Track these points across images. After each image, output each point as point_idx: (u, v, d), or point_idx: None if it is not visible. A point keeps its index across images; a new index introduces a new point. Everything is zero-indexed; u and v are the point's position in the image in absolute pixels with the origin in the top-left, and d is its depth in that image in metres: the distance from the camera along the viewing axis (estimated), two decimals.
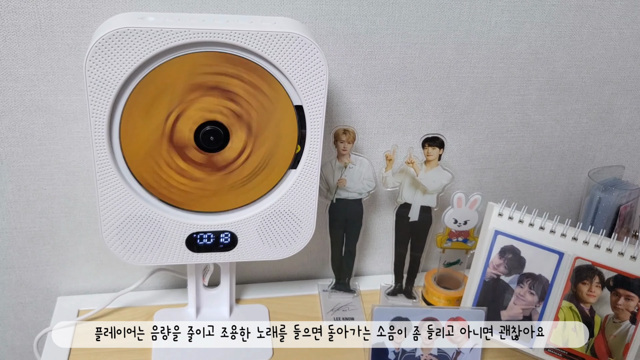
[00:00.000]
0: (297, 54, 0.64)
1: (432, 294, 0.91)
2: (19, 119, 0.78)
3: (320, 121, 0.69)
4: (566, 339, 0.80)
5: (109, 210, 0.69)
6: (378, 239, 0.98)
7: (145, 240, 0.72)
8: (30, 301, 0.91)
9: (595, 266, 0.78)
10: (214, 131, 0.67)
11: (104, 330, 0.83)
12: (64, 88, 0.77)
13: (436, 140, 0.82)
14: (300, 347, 0.83)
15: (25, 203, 0.83)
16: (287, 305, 0.91)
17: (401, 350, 0.79)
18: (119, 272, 0.91)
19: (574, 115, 0.94)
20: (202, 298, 0.86)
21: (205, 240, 0.74)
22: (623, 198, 0.92)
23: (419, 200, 0.85)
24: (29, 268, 0.88)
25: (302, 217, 0.75)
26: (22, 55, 0.74)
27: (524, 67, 0.88)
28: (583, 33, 0.87)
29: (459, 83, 0.87)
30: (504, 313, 0.84)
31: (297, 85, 0.66)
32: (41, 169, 0.81)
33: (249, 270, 0.96)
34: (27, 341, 0.94)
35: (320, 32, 0.80)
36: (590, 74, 0.91)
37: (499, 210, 0.82)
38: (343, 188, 0.85)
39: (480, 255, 0.84)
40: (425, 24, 0.82)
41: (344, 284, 0.93)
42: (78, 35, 0.74)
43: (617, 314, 0.77)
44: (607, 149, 0.98)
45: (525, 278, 0.82)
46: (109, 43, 0.60)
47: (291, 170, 0.72)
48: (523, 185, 0.99)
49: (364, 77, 0.84)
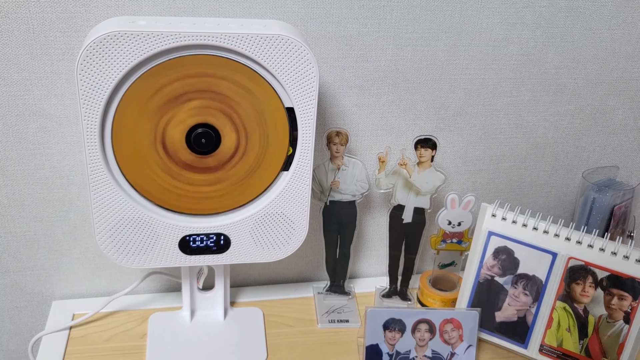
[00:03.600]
0: (287, 56, 0.65)
1: (427, 296, 0.91)
2: (13, 123, 0.78)
3: (312, 123, 0.69)
4: (560, 339, 0.80)
5: (102, 213, 0.69)
6: (373, 241, 0.98)
7: (138, 243, 0.72)
8: (25, 305, 0.91)
9: (589, 266, 0.78)
10: (206, 133, 0.68)
11: (99, 334, 0.83)
12: (58, 92, 0.77)
13: (428, 142, 0.82)
14: (294, 349, 0.83)
15: (20, 207, 0.84)
16: (282, 307, 0.91)
17: (395, 352, 0.79)
18: (114, 276, 0.92)
19: (567, 116, 0.94)
20: (197, 301, 0.86)
21: (198, 243, 0.74)
22: (617, 198, 0.92)
23: (412, 202, 0.85)
24: (24, 272, 0.88)
25: (294, 219, 0.75)
26: (15, 60, 0.74)
27: (516, 69, 0.88)
28: (574, 34, 0.87)
29: (452, 85, 0.88)
30: (499, 314, 0.84)
31: (287, 87, 0.67)
32: (35, 173, 0.82)
33: (244, 273, 0.96)
34: (23, 345, 0.94)
35: (312, 34, 0.80)
36: (583, 75, 0.91)
37: (492, 211, 0.82)
38: (336, 190, 0.85)
39: (474, 257, 0.84)
40: (416, 26, 0.82)
41: (339, 286, 0.93)
42: (71, 39, 0.75)
43: (610, 314, 0.77)
44: (601, 150, 0.98)
45: (519, 279, 0.82)
46: (100, 47, 0.61)
47: (283, 172, 0.72)
48: (517, 187, 0.99)
49: (356, 80, 0.84)
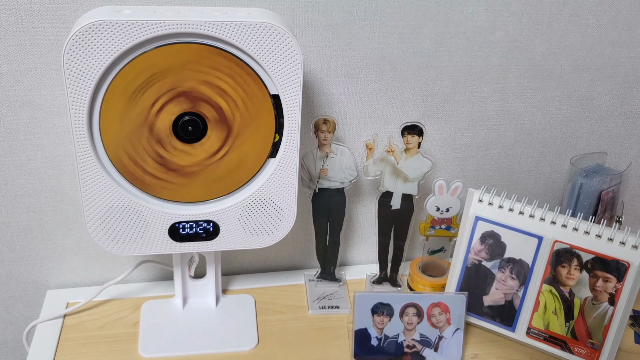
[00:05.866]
0: (271, 43, 0.66)
1: (417, 282, 0.93)
2: (3, 114, 0.79)
3: (297, 110, 0.70)
4: (547, 322, 0.81)
5: (92, 201, 0.71)
6: (363, 229, 0.99)
7: (128, 231, 0.73)
8: (20, 295, 0.92)
9: (574, 249, 0.79)
10: (193, 121, 0.69)
11: (92, 322, 0.85)
12: (47, 83, 0.78)
13: (415, 128, 0.83)
14: (285, 335, 0.84)
15: (13, 197, 0.85)
16: (274, 295, 0.92)
17: (384, 336, 0.80)
18: (107, 265, 0.93)
19: (554, 102, 0.94)
20: (189, 289, 0.87)
21: (187, 230, 0.75)
22: (604, 184, 0.93)
23: (400, 189, 0.86)
24: (19, 262, 0.90)
25: (282, 205, 0.76)
26: (4, 51, 0.75)
27: (503, 56, 0.89)
28: (560, 20, 0.88)
29: (438, 72, 0.88)
30: (486, 298, 0.85)
31: (272, 75, 0.68)
32: (27, 164, 0.83)
33: (236, 262, 0.97)
34: (18, 335, 0.95)
35: (298, 23, 0.81)
36: (569, 61, 0.92)
37: (479, 197, 0.83)
38: (325, 177, 0.86)
39: (461, 242, 0.85)
40: (402, 14, 0.83)
41: (330, 273, 0.94)
42: (59, 30, 0.75)
43: (595, 296, 0.78)
44: (589, 136, 0.99)
45: (506, 263, 0.83)
46: (86, 36, 0.62)
47: (270, 159, 0.73)
48: (506, 173, 0.99)
49: (343, 68, 0.85)
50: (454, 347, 0.81)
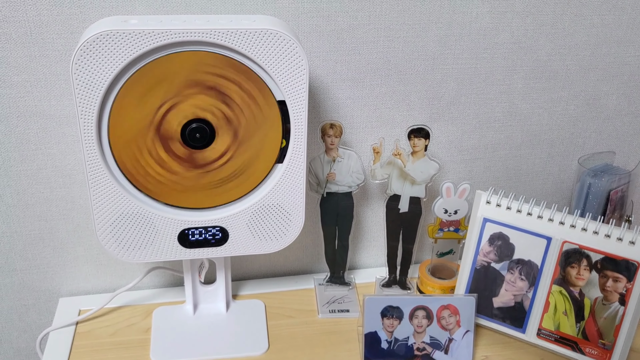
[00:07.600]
0: (276, 50, 0.66)
1: (426, 285, 0.93)
2: (14, 124, 0.80)
3: (304, 115, 0.70)
4: (557, 323, 0.81)
5: (102, 209, 0.71)
6: (372, 232, 0.99)
7: (138, 238, 0.74)
8: (33, 303, 0.93)
9: (583, 249, 0.78)
10: (201, 129, 0.69)
11: (104, 329, 0.85)
12: (57, 93, 0.79)
13: (421, 131, 0.83)
14: (295, 339, 0.85)
15: (24, 207, 0.86)
16: (284, 299, 0.93)
17: (394, 339, 0.80)
18: (118, 272, 0.93)
19: (560, 102, 0.94)
20: (199, 295, 0.88)
21: (196, 236, 0.76)
22: (613, 183, 0.93)
23: (408, 191, 0.87)
24: (31, 271, 0.91)
25: (290, 210, 0.76)
26: (14, 62, 0.77)
27: (508, 57, 0.89)
28: (565, 20, 0.88)
29: (444, 75, 0.89)
30: (496, 300, 0.85)
31: (278, 81, 0.68)
32: (38, 173, 0.84)
33: (245, 267, 0.97)
34: (32, 342, 0.96)
35: (303, 29, 0.82)
36: (575, 61, 0.92)
37: (487, 198, 0.83)
38: (333, 182, 0.86)
39: (470, 244, 0.85)
40: (406, 18, 0.84)
41: (339, 277, 0.94)
42: (67, 41, 0.76)
43: (606, 296, 0.78)
44: (597, 135, 0.98)
45: (515, 264, 0.83)
46: (93, 46, 0.63)
47: (278, 164, 0.74)
48: (514, 174, 0.99)
49: (349, 72, 0.86)
50: (464, 349, 0.81)
